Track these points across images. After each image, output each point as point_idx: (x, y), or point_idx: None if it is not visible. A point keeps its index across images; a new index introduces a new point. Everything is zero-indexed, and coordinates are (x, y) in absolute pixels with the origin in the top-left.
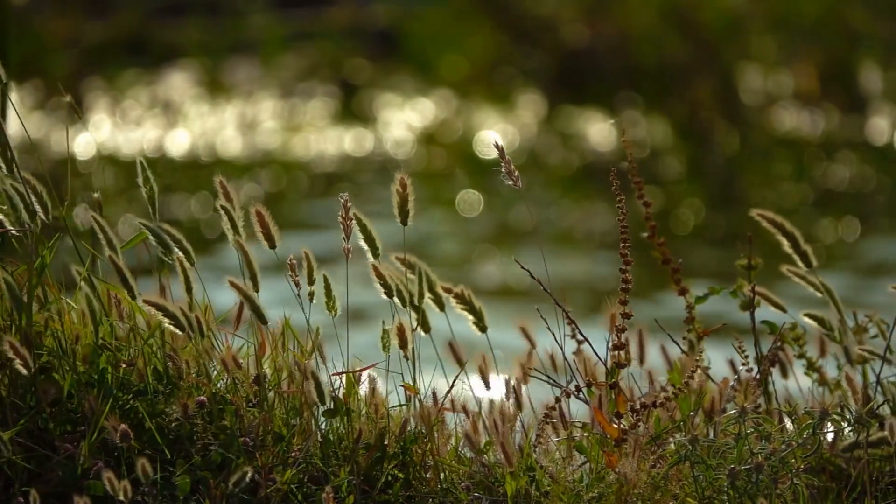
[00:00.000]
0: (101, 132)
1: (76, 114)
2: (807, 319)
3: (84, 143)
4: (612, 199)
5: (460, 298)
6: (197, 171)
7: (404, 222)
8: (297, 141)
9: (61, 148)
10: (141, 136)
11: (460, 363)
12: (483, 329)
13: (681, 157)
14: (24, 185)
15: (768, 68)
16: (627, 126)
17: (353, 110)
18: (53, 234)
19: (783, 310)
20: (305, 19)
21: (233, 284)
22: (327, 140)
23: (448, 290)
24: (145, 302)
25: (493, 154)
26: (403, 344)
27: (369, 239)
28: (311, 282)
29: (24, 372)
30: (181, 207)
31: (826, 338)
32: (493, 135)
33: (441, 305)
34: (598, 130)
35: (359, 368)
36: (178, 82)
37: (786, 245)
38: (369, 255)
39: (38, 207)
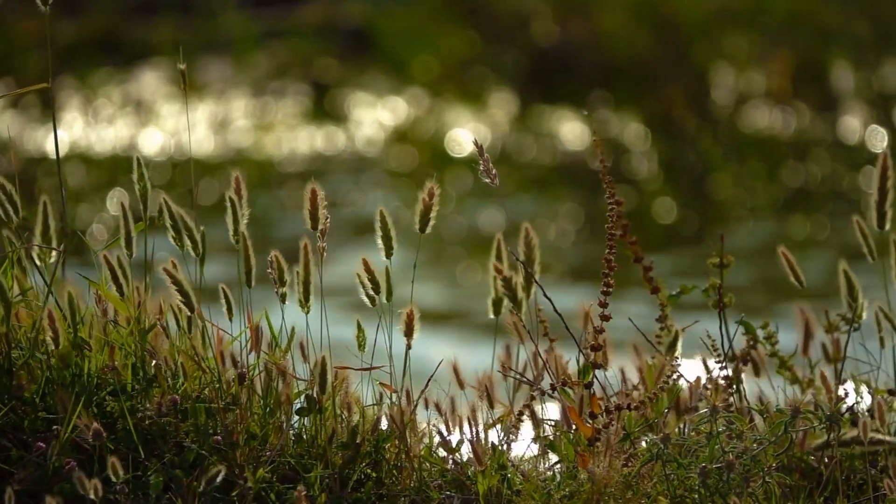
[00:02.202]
0: (74, 131)
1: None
2: (842, 274)
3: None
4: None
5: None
6: (170, 170)
7: (423, 230)
8: (269, 139)
9: (34, 146)
10: (113, 135)
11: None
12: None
13: (653, 156)
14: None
15: (740, 67)
16: (599, 124)
17: (325, 109)
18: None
19: (801, 283)
20: (278, 18)
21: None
22: (299, 138)
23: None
24: (164, 270)
25: (465, 152)
26: (409, 332)
27: (386, 238)
28: (282, 283)
29: (53, 347)
30: (153, 205)
31: (844, 319)
32: (465, 133)
33: (534, 284)
34: (570, 129)
35: (359, 367)
36: (151, 81)
37: (874, 195)
38: (382, 254)
39: (9, 207)
